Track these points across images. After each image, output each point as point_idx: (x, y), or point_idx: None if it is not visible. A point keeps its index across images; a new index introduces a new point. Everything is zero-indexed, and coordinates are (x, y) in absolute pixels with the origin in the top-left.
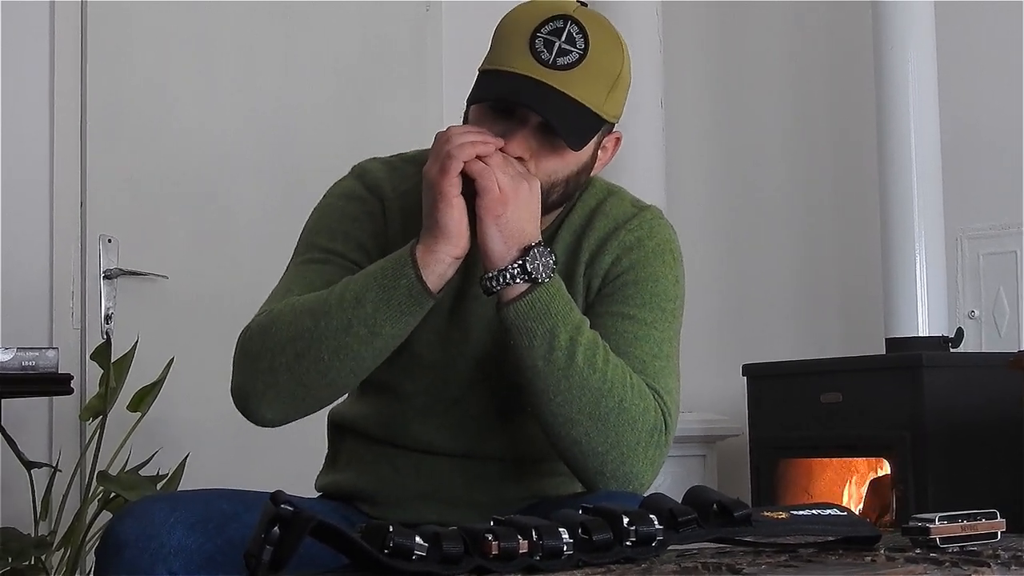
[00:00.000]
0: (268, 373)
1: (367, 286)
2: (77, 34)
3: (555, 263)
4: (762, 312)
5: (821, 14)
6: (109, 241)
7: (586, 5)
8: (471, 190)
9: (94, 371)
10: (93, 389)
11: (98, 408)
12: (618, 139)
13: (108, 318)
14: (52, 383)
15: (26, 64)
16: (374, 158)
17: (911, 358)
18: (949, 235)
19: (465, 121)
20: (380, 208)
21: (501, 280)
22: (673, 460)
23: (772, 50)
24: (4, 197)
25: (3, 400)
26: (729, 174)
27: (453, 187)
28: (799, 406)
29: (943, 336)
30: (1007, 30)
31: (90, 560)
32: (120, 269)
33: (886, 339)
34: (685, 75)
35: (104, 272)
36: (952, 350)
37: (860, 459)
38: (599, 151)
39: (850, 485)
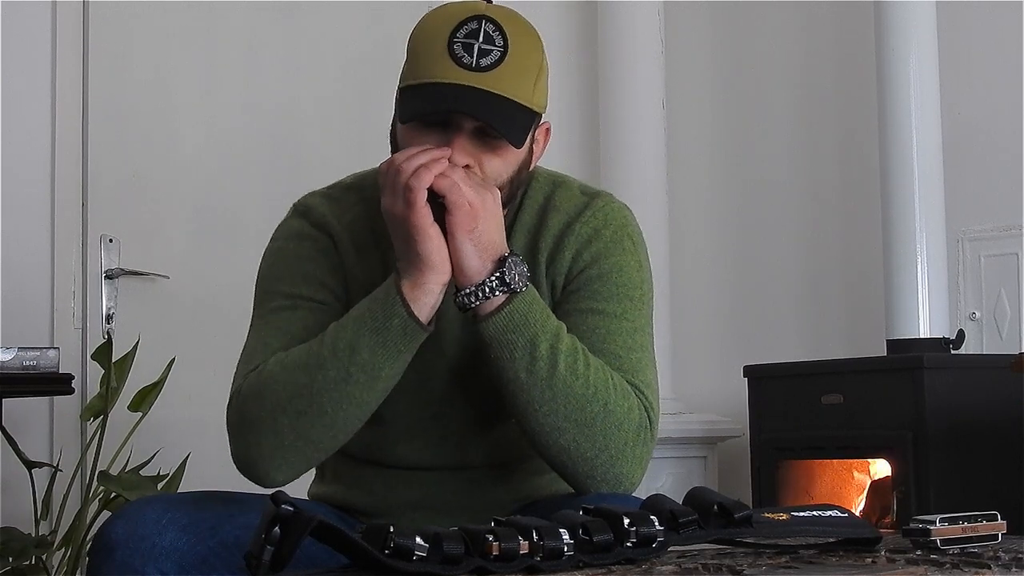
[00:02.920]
0: (272, 436)
1: (359, 332)
2: (78, 34)
3: (528, 273)
4: (763, 313)
5: (823, 15)
6: (110, 241)
7: (491, 0)
8: (439, 208)
9: (95, 371)
10: (94, 389)
11: (99, 408)
12: (548, 129)
13: (109, 318)
14: (53, 383)
15: (27, 64)
16: (312, 193)
17: (912, 359)
18: (950, 237)
19: (393, 142)
20: (331, 243)
21: (480, 295)
22: (674, 461)
23: (774, 51)
24: (5, 197)
25: (4, 400)
26: (730, 175)
27: (424, 218)
28: (800, 407)
29: (944, 338)
30: (1007, 31)
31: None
32: (121, 269)
33: (887, 340)
34: (687, 76)
35: (105, 272)
36: (953, 352)
37: (861, 460)
38: (532, 145)
39: (851, 486)
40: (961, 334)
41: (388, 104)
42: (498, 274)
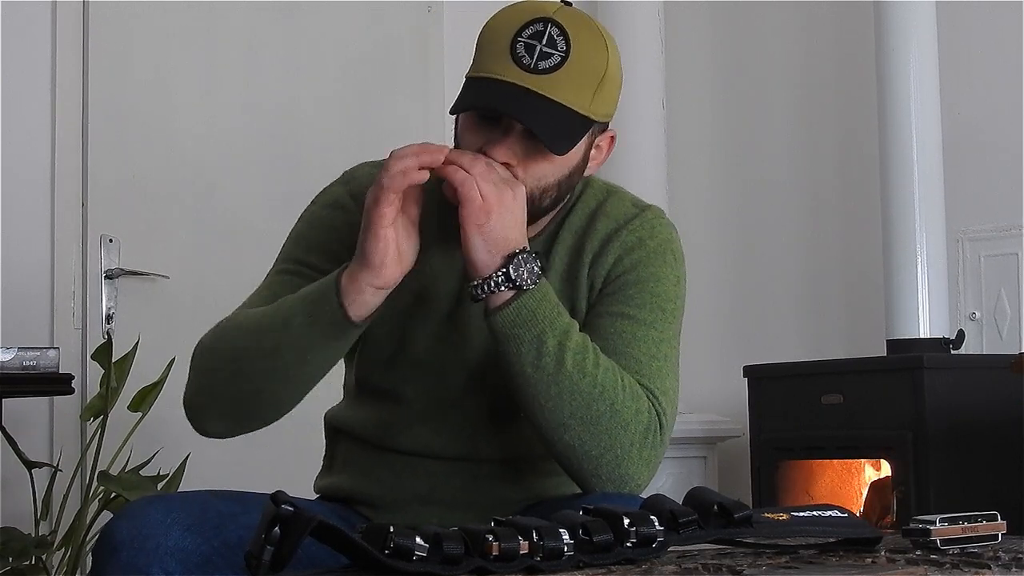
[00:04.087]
0: (210, 389)
1: (295, 311)
2: (78, 34)
3: (540, 269)
4: (763, 313)
5: (823, 15)
6: (110, 241)
7: (570, 4)
8: (455, 199)
9: (95, 371)
10: (94, 389)
11: (99, 408)
12: (612, 137)
13: (109, 318)
14: (53, 383)
15: (27, 64)
16: (366, 163)
17: (912, 360)
18: (950, 237)
19: (456, 129)
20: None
21: (486, 288)
22: (674, 461)
23: (774, 51)
24: (5, 197)
25: (4, 400)
26: (731, 175)
27: (381, 217)
28: (800, 407)
29: (944, 338)
30: (1007, 31)
31: (90, 560)
32: (121, 269)
33: (887, 340)
34: (687, 76)
35: (105, 272)
36: (953, 352)
37: (861, 460)
38: (592, 151)
39: (851, 486)
40: (961, 334)
41: (388, 104)
42: (504, 270)
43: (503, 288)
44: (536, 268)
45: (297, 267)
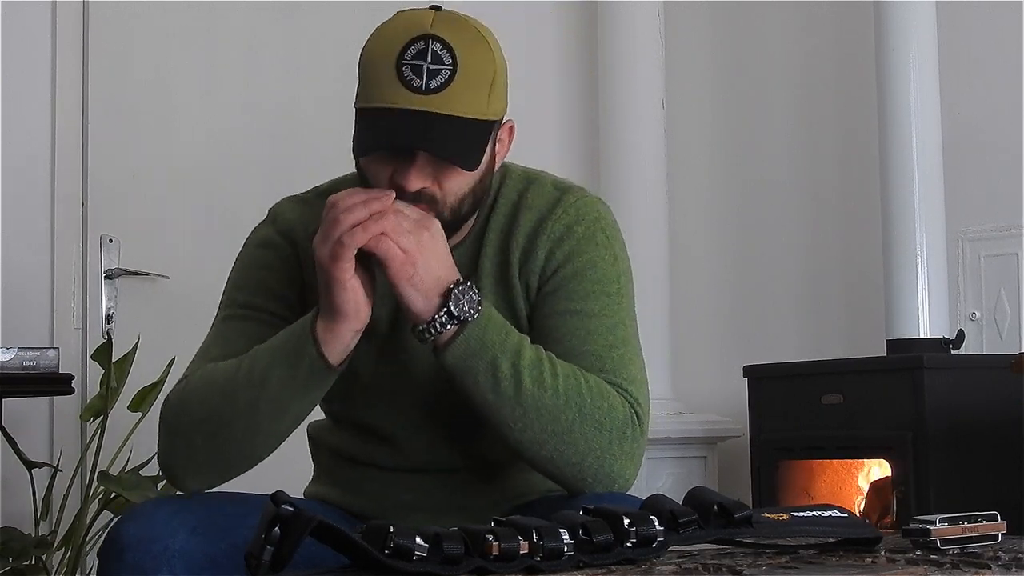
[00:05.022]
0: (186, 449)
1: (272, 365)
2: (78, 33)
3: (478, 297)
4: (763, 313)
5: (823, 15)
6: (110, 241)
7: (439, 8)
8: (373, 259)
9: (95, 371)
10: (94, 389)
11: (99, 408)
12: (511, 127)
13: (109, 318)
14: (53, 383)
15: (27, 63)
16: (288, 198)
17: (912, 360)
18: (950, 237)
19: (357, 163)
20: (294, 252)
21: (432, 331)
22: (674, 461)
23: (774, 51)
24: (5, 196)
25: (4, 400)
26: (730, 175)
27: (344, 272)
28: (800, 407)
29: (944, 338)
30: (1007, 31)
31: (91, 560)
32: (121, 269)
33: (887, 341)
34: (687, 76)
35: (105, 272)
36: (953, 352)
37: (861, 460)
38: (496, 146)
39: (851, 486)
40: (961, 334)
41: None
42: (445, 309)
43: (448, 326)
44: (475, 296)
45: (244, 311)
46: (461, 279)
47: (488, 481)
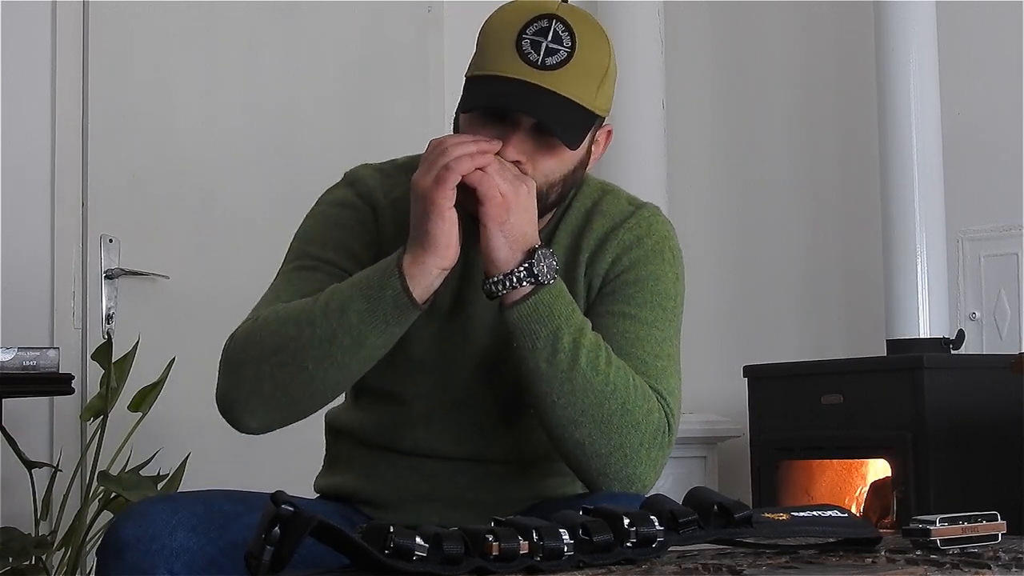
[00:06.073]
0: (252, 381)
1: (352, 296)
2: (78, 34)
3: (557, 265)
4: (763, 313)
5: (823, 15)
6: (110, 241)
7: (567, 1)
8: (470, 198)
9: (95, 371)
10: (94, 389)
11: (99, 408)
12: (609, 132)
13: (109, 318)
14: (53, 383)
15: (27, 64)
16: (366, 164)
17: (912, 360)
18: (950, 237)
19: (455, 129)
20: (372, 216)
21: (507, 284)
22: (674, 461)
23: (774, 51)
24: (5, 197)
25: (4, 400)
26: (731, 175)
27: (447, 199)
28: (800, 407)
29: (944, 338)
30: (1007, 31)
31: (91, 560)
32: (121, 269)
33: (887, 341)
34: (686, 76)
35: (105, 272)
36: (953, 352)
37: (861, 460)
38: (592, 146)
39: (851, 486)
40: (961, 334)
41: (388, 104)
42: (526, 265)
43: (524, 283)
44: (554, 264)
45: (315, 263)
46: (543, 244)
47: (507, 479)
